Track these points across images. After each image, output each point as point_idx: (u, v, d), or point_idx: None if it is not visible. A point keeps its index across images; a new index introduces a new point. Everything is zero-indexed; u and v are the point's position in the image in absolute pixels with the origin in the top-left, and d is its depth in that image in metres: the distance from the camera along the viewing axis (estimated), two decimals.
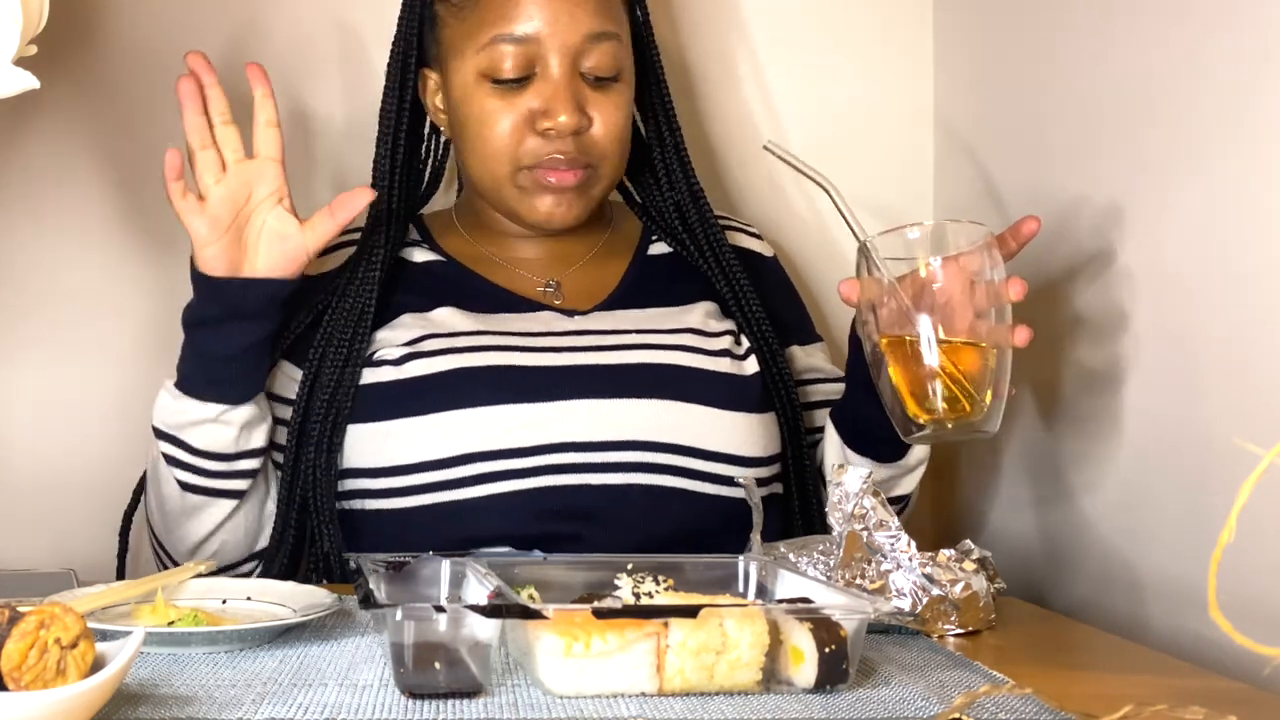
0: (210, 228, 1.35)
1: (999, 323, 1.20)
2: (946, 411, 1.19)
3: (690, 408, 1.41)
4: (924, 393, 1.19)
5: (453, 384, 1.39)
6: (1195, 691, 1.00)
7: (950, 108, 1.80)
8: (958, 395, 1.18)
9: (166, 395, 1.39)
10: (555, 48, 1.43)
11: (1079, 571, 1.47)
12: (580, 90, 1.44)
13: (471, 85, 1.45)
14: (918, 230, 1.21)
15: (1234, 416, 1.21)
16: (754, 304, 1.50)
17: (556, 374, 1.40)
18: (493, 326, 1.44)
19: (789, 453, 1.49)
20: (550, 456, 1.37)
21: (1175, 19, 1.29)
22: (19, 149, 1.70)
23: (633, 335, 1.45)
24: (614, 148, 1.46)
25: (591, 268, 1.52)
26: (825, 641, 0.94)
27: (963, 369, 1.18)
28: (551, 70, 1.43)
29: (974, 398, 1.19)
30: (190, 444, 1.38)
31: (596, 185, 1.48)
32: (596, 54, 1.44)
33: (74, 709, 0.80)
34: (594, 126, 1.45)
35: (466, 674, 0.93)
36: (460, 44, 1.46)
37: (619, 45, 1.46)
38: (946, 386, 1.18)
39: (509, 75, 1.43)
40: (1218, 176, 1.23)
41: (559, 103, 1.42)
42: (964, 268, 1.20)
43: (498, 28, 1.43)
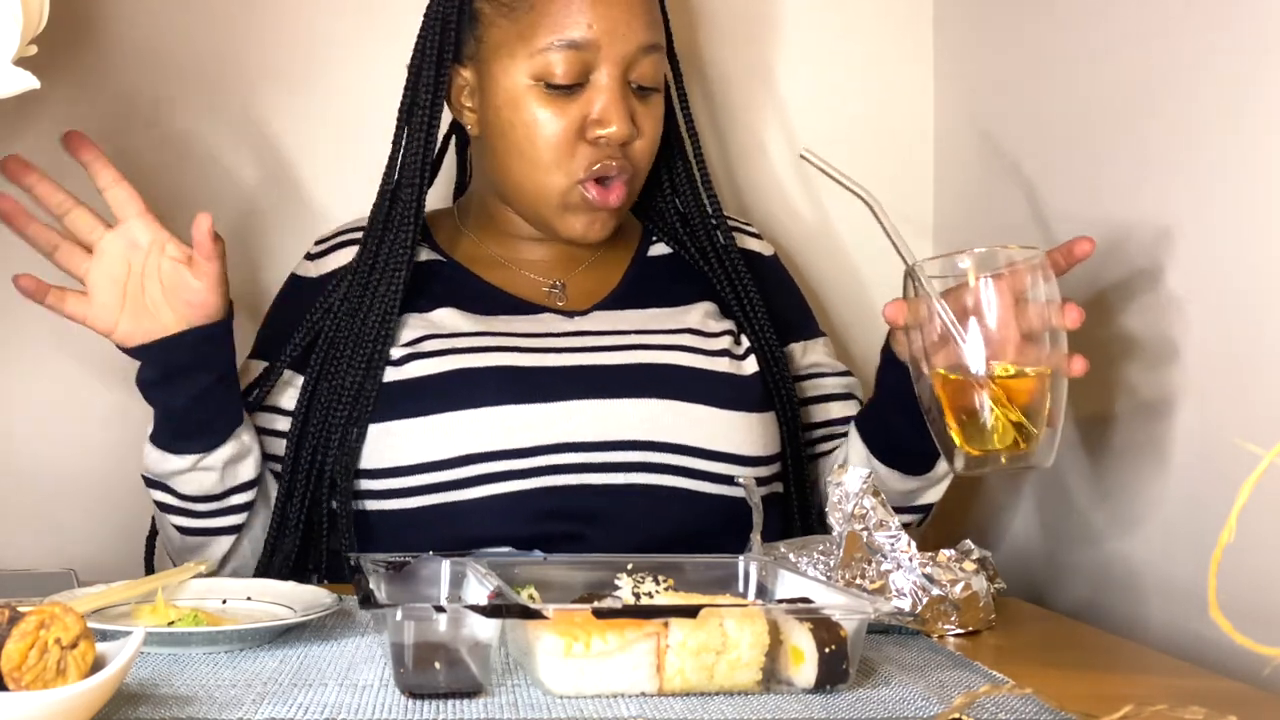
0: (105, 312, 1.34)
1: (1053, 350, 1.16)
2: (998, 444, 1.15)
3: (689, 407, 1.41)
4: (975, 425, 1.15)
5: (453, 385, 1.39)
6: (1195, 691, 1.00)
7: (950, 111, 1.80)
8: (1009, 428, 1.14)
9: (148, 446, 1.38)
10: (611, 57, 1.41)
11: (1079, 571, 1.47)
12: (630, 101, 1.44)
13: (522, 89, 1.43)
14: (969, 259, 1.16)
15: (1234, 416, 1.21)
16: (755, 304, 1.50)
17: (556, 374, 1.40)
18: (493, 328, 1.44)
19: (789, 452, 1.49)
20: (550, 457, 1.37)
21: (1177, 18, 1.29)
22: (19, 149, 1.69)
23: (632, 335, 1.44)
24: (649, 157, 1.47)
25: (593, 269, 1.52)
26: (825, 641, 0.94)
27: (1015, 400, 1.14)
28: (605, 78, 1.42)
29: (1027, 430, 1.14)
30: (178, 490, 1.39)
31: (629, 201, 1.48)
32: (645, 65, 1.44)
33: (74, 709, 0.80)
34: (639, 137, 1.45)
35: (466, 674, 0.93)
36: (511, 45, 1.43)
37: (662, 57, 1.47)
38: (998, 419, 1.14)
39: (563, 81, 1.41)
40: (1217, 174, 1.23)
41: (613, 113, 1.41)
42: (1012, 286, 1.16)
43: (556, 32, 1.41)
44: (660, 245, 1.56)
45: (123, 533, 1.70)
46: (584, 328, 1.45)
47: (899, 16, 1.83)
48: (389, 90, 1.54)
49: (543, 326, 1.45)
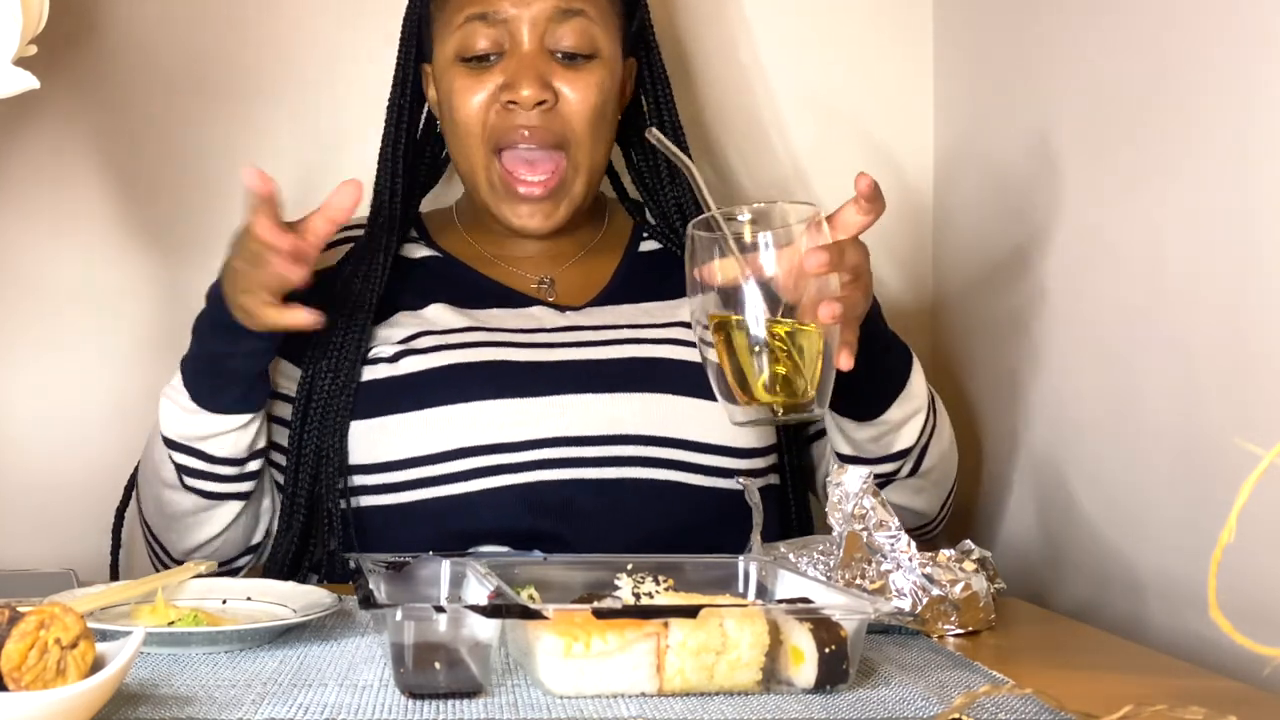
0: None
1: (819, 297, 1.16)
2: (772, 393, 1.17)
3: (681, 401, 1.41)
4: (750, 374, 1.17)
5: (445, 379, 1.40)
6: (1195, 691, 1.00)
7: (950, 107, 1.80)
8: (784, 376, 1.17)
9: (176, 409, 1.38)
10: (523, 25, 1.45)
11: (1079, 571, 1.47)
12: (548, 65, 1.45)
13: (448, 66, 1.48)
14: (747, 212, 1.19)
15: (1234, 416, 1.20)
16: None
17: (548, 369, 1.41)
18: (485, 323, 1.45)
19: (783, 444, 1.49)
20: (542, 451, 1.38)
21: (1177, 17, 1.29)
22: (19, 149, 1.70)
23: (624, 330, 1.45)
24: (584, 127, 1.46)
25: (584, 265, 1.53)
26: (825, 641, 0.94)
27: (790, 348, 1.16)
28: (519, 45, 1.45)
29: (799, 379, 1.17)
30: (209, 453, 1.39)
31: (574, 181, 1.48)
32: (565, 31, 1.46)
33: (74, 709, 0.80)
34: (561, 102, 1.45)
35: (466, 674, 0.93)
36: (441, 31, 1.49)
37: (590, 23, 1.47)
38: (772, 368, 1.16)
39: (479, 52, 1.45)
40: (1216, 173, 1.23)
41: (522, 76, 1.44)
42: (791, 246, 1.17)
43: (469, 9, 1.46)
44: (650, 242, 1.57)
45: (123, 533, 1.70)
46: (576, 322, 1.46)
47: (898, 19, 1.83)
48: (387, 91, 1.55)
49: (535, 322, 1.46)
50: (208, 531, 1.43)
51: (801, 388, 1.17)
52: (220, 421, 1.37)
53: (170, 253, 1.72)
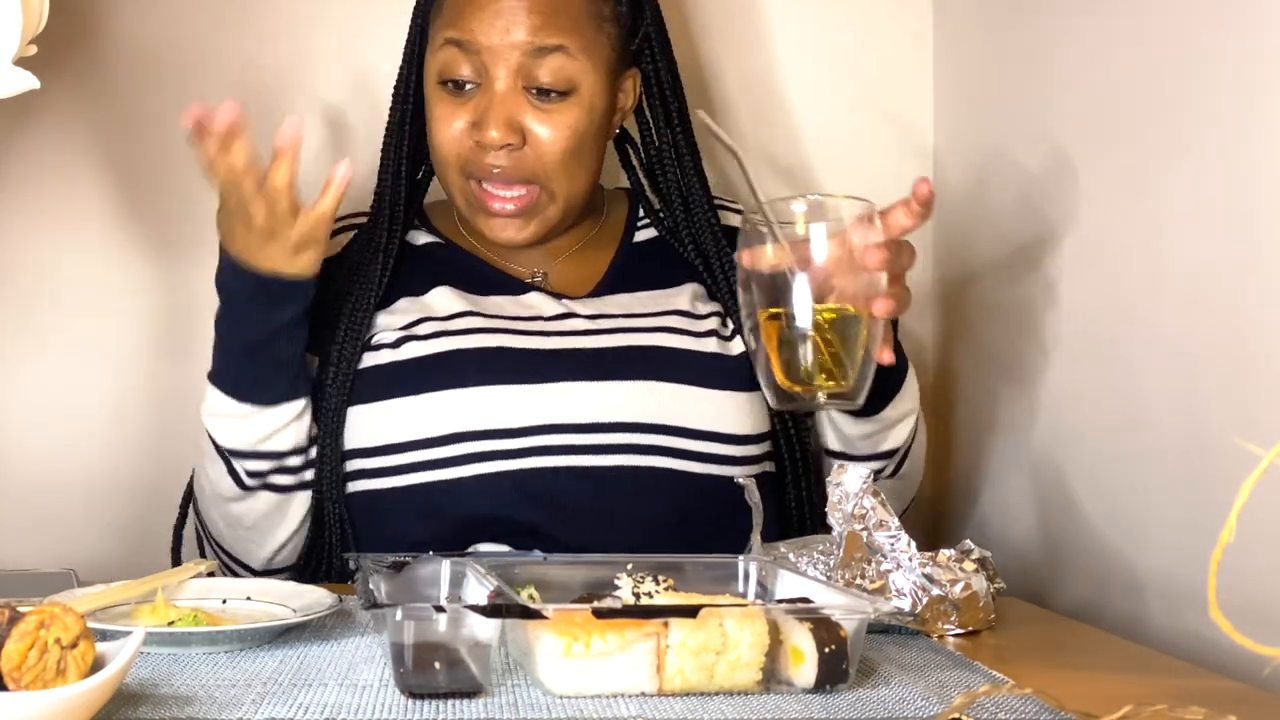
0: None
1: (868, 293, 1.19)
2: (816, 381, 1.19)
3: (677, 388, 1.41)
4: (795, 361, 1.19)
5: (444, 365, 1.40)
6: (1195, 691, 1.00)
7: (950, 107, 1.80)
8: (826, 365, 1.19)
9: (229, 421, 1.38)
10: (498, 59, 1.43)
11: (1079, 571, 1.47)
12: (518, 105, 1.43)
13: (432, 85, 1.47)
14: (803, 202, 1.21)
15: (1234, 416, 1.20)
16: None
17: (545, 357, 1.42)
18: (484, 309, 1.46)
19: (780, 431, 1.49)
20: (538, 438, 1.38)
21: (1177, 16, 1.29)
22: (19, 149, 1.70)
23: (620, 319, 1.46)
24: (556, 165, 1.45)
25: (579, 258, 1.54)
26: (825, 641, 0.94)
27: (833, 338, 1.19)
28: (495, 82, 1.43)
29: (841, 367, 1.19)
30: (276, 450, 1.40)
31: (550, 205, 1.47)
32: (541, 68, 1.43)
33: (74, 709, 0.80)
34: (529, 143, 1.44)
35: (466, 674, 0.93)
36: (430, 43, 1.48)
37: (569, 60, 1.43)
38: (817, 355, 1.19)
39: (454, 77, 1.45)
40: (1215, 175, 1.23)
41: (490, 117, 1.43)
42: (843, 238, 1.19)
43: (448, 32, 1.45)
44: (647, 230, 1.57)
45: (123, 533, 1.70)
46: (573, 310, 1.47)
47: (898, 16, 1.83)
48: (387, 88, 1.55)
49: (532, 309, 1.47)
50: (285, 531, 1.44)
51: (843, 376, 1.20)
52: (277, 415, 1.38)
53: (170, 253, 1.72)
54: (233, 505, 1.42)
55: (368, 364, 1.43)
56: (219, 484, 1.42)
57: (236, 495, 1.42)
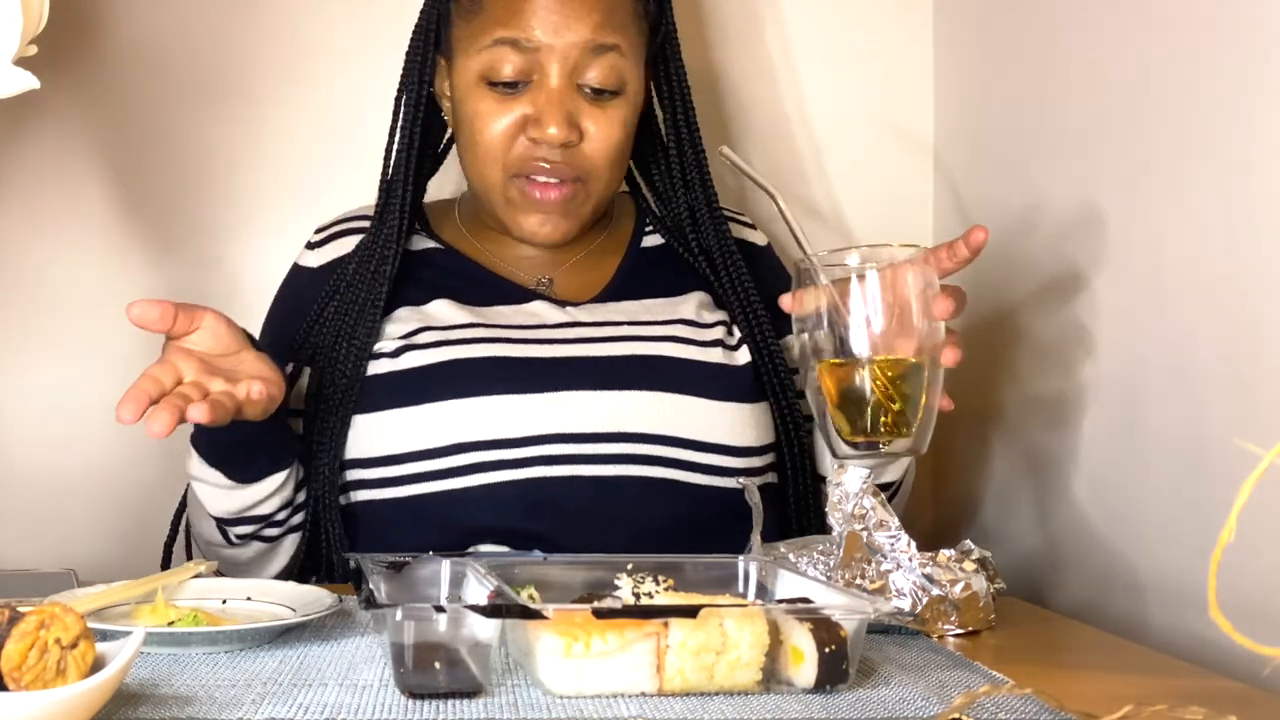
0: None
1: (931, 340, 1.20)
2: (876, 431, 1.20)
3: (681, 399, 1.41)
4: (857, 411, 1.19)
5: (446, 374, 1.40)
6: (1195, 691, 1.00)
7: (949, 113, 1.80)
8: (888, 415, 1.19)
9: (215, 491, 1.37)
10: (554, 57, 1.42)
11: (1079, 571, 1.47)
12: (575, 102, 1.44)
13: (471, 84, 1.45)
14: (855, 255, 1.21)
15: (1234, 416, 1.21)
16: (748, 295, 1.50)
17: (548, 365, 1.41)
18: (486, 319, 1.45)
19: (783, 442, 1.49)
20: (542, 447, 1.38)
21: (1176, 22, 1.29)
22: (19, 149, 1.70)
23: (624, 327, 1.45)
24: (604, 163, 1.46)
25: (586, 263, 1.53)
26: (825, 641, 0.94)
27: (893, 387, 1.18)
28: (549, 79, 1.43)
29: (905, 418, 1.19)
30: (264, 514, 1.40)
31: (586, 204, 1.47)
32: (596, 66, 1.43)
33: (74, 709, 0.80)
34: (585, 141, 1.44)
35: (466, 674, 0.93)
36: (465, 43, 1.46)
37: (621, 59, 1.45)
38: (877, 405, 1.18)
39: (506, 79, 1.43)
40: (1215, 180, 1.23)
41: (550, 113, 1.42)
42: (898, 285, 1.19)
43: (500, 31, 1.43)
44: (654, 236, 1.57)
45: (123, 533, 1.70)
46: (577, 318, 1.46)
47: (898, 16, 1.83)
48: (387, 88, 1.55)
49: (536, 318, 1.46)
50: (278, 565, 1.45)
51: (906, 426, 1.19)
52: (263, 487, 1.38)
53: (170, 252, 1.72)
54: (223, 550, 1.43)
55: (367, 373, 1.43)
56: (209, 535, 1.42)
57: (227, 546, 1.43)
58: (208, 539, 1.43)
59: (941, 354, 1.20)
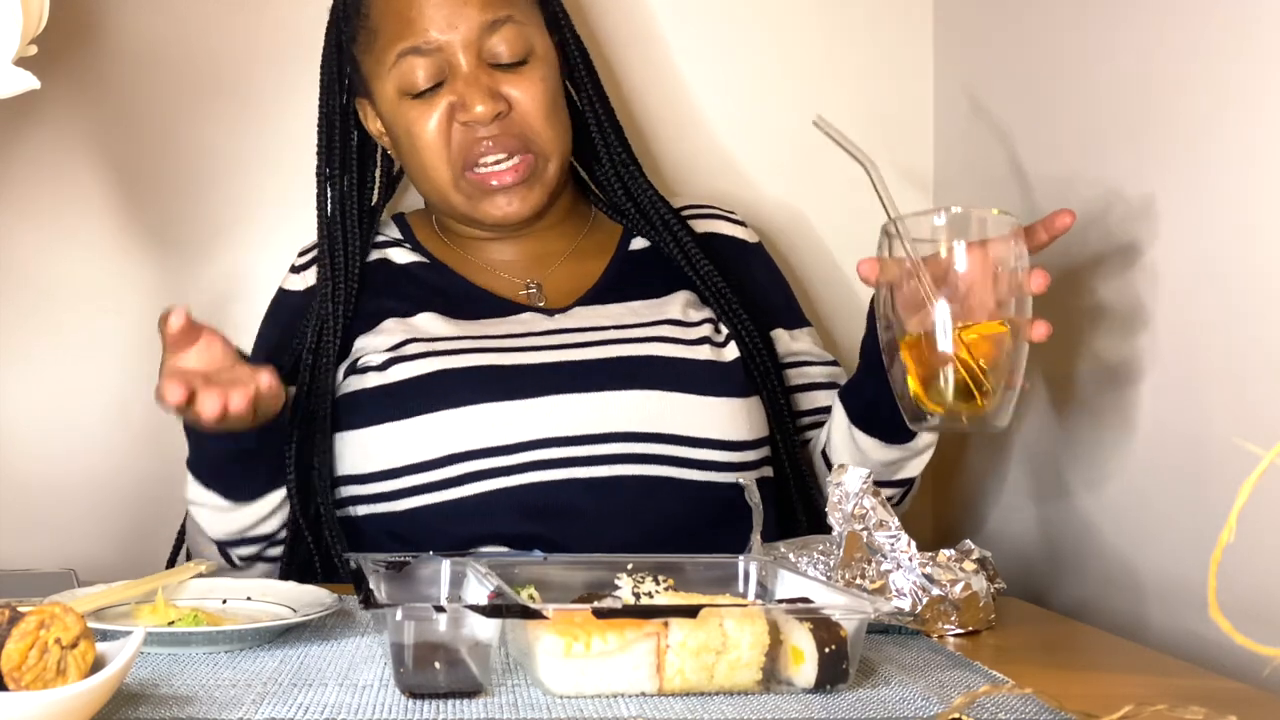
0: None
1: (1018, 314, 1.18)
2: (958, 402, 1.17)
3: (671, 396, 1.41)
4: (936, 382, 1.17)
5: (434, 386, 1.40)
6: (1195, 691, 1.00)
7: (949, 112, 1.80)
8: (970, 386, 1.16)
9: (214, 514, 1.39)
10: (456, 47, 1.45)
11: (1079, 571, 1.47)
12: (491, 77, 1.46)
13: (394, 103, 1.48)
14: (944, 215, 1.19)
15: (1234, 416, 1.21)
16: (725, 291, 1.50)
17: (537, 371, 1.41)
18: (473, 331, 1.45)
19: (778, 435, 1.49)
20: (535, 453, 1.38)
21: (1174, 19, 1.29)
22: (19, 149, 1.70)
23: (611, 331, 1.46)
24: (541, 122, 1.47)
25: (571, 265, 1.54)
26: (825, 641, 0.94)
27: (977, 359, 1.16)
28: (460, 68, 1.46)
29: (987, 389, 1.16)
30: (264, 534, 1.41)
31: (544, 169, 1.48)
32: (497, 41, 1.46)
33: (74, 709, 0.80)
34: (514, 109, 1.46)
35: (466, 674, 0.93)
36: (375, 70, 1.49)
37: (518, 26, 1.48)
38: (960, 377, 1.16)
39: (421, 86, 1.46)
40: (1215, 177, 1.23)
41: (470, 93, 1.45)
42: (987, 255, 1.18)
43: (399, 45, 1.46)
44: (640, 239, 1.57)
45: (123, 533, 1.70)
46: (564, 325, 1.47)
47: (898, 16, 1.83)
48: None
49: (523, 326, 1.47)
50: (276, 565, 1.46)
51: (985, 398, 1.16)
52: (262, 506, 1.39)
53: (170, 252, 1.72)
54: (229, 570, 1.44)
55: (354, 388, 1.43)
56: (214, 558, 1.43)
57: (231, 569, 1.44)
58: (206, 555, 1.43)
59: (1033, 329, 1.18)
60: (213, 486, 1.37)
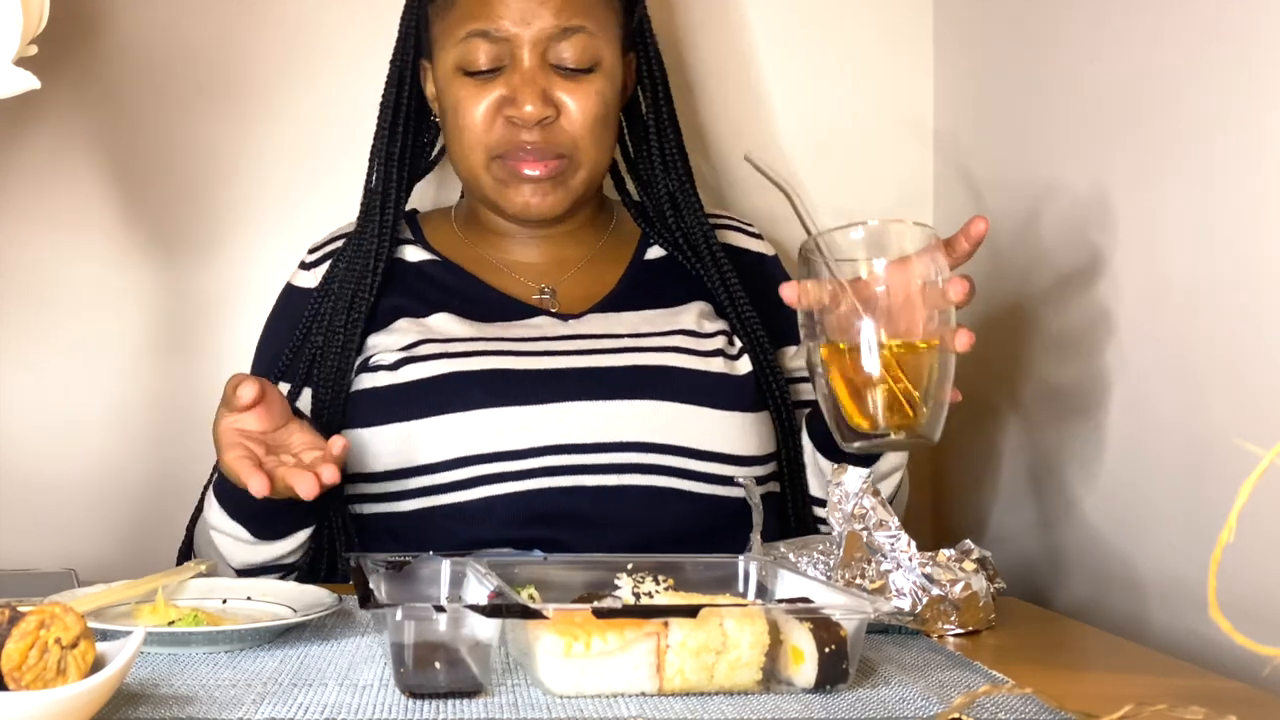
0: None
1: (942, 327, 1.16)
2: (888, 419, 1.15)
3: (682, 408, 1.41)
4: (864, 399, 1.16)
5: (447, 388, 1.39)
6: (1195, 691, 1.00)
7: (949, 113, 1.80)
8: (902, 403, 1.15)
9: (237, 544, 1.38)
10: (524, 43, 1.45)
11: (1079, 571, 1.47)
12: (548, 79, 1.46)
13: (450, 75, 1.48)
14: (861, 230, 1.18)
15: (1234, 416, 1.21)
16: (744, 304, 1.50)
17: (550, 377, 1.41)
18: (488, 333, 1.45)
19: (784, 452, 1.49)
20: (544, 459, 1.37)
21: (1174, 20, 1.29)
22: (19, 149, 1.70)
23: (625, 339, 1.45)
24: (585, 135, 1.47)
25: (588, 271, 1.53)
26: (825, 641, 0.94)
27: (905, 375, 1.15)
28: (521, 62, 1.46)
29: (915, 404, 1.15)
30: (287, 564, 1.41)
31: (574, 174, 1.48)
32: (565, 47, 1.46)
33: (74, 709, 0.80)
34: (563, 116, 1.46)
35: (466, 674, 0.93)
36: (442, 38, 1.49)
37: (590, 37, 1.47)
38: (888, 393, 1.15)
39: (480, 67, 1.46)
40: (1215, 177, 1.23)
41: (523, 92, 1.45)
42: (910, 271, 1.16)
43: (471, 24, 1.46)
44: (657, 248, 1.56)
45: (123, 533, 1.70)
46: (578, 331, 1.46)
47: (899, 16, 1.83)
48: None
49: (537, 331, 1.46)
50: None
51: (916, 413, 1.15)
52: (287, 544, 1.39)
53: (170, 253, 1.72)
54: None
55: (365, 386, 1.43)
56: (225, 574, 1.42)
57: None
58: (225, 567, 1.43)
59: (955, 339, 1.16)
60: (238, 519, 1.37)
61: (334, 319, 1.46)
